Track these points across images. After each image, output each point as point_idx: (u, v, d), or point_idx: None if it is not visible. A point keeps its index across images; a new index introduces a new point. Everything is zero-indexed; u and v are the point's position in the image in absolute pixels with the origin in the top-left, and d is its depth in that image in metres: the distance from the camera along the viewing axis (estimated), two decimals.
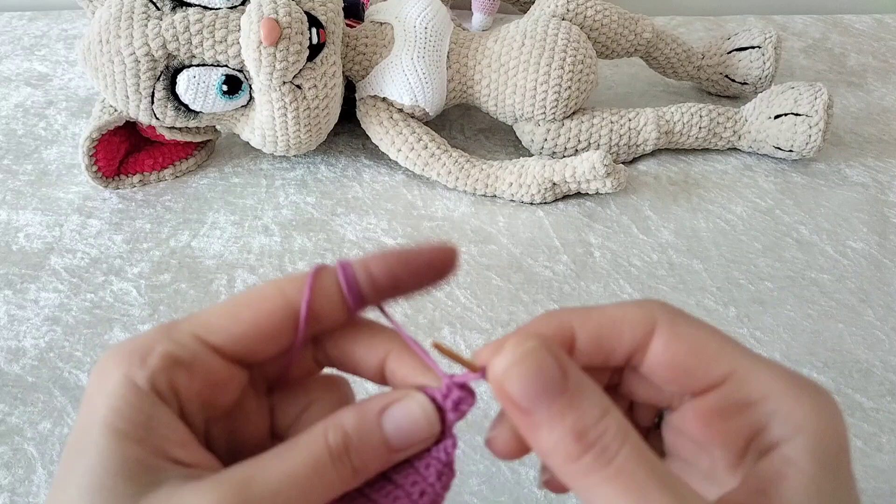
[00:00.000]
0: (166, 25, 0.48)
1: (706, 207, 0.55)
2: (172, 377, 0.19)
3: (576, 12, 0.58)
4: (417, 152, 0.55)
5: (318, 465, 0.19)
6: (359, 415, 0.20)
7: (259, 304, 0.20)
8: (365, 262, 0.21)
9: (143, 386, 0.19)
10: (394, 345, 0.22)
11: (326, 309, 0.20)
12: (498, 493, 0.36)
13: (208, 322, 0.20)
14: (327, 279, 0.20)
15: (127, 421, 0.18)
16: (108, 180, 0.55)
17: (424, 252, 0.21)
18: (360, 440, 0.19)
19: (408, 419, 0.20)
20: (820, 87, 0.56)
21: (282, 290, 0.20)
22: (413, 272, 0.21)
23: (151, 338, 0.20)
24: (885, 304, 0.47)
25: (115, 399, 0.18)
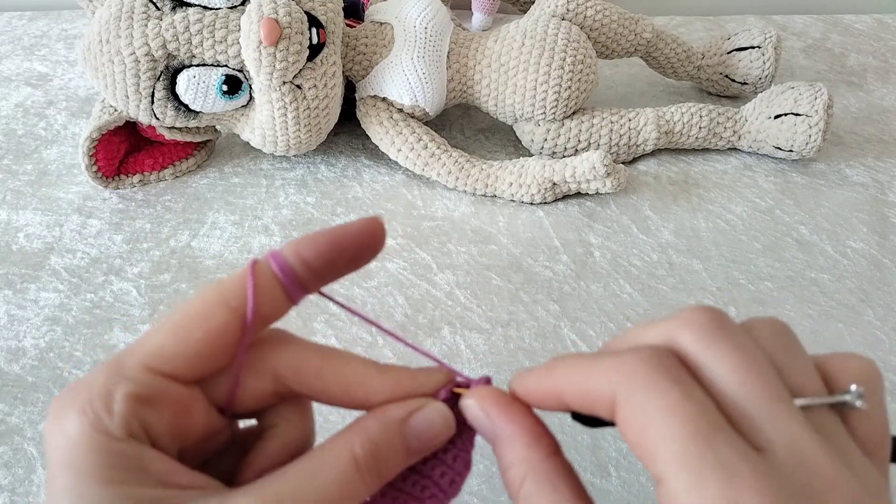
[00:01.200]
0: (166, 25, 0.48)
1: (706, 207, 0.55)
2: (142, 417, 0.19)
3: (576, 12, 0.58)
4: (417, 152, 0.55)
5: (347, 479, 0.19)
6: (384, 424, 0.20)
7: (206, 323, 0.20)
8: (296, 250, 0.20)
9: (119, 434, 0.18)
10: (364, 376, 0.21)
11: (269, 306, 0.20)
12: (498, 493, 0.36)
13: (157, 351, 0.19)
14: (265, 276, 0.20)
15: (121, 470, 0.18)
16: (108, 180, 0.55)
17: (352, 229, 0.21)
18: (385, 449, 0.20)
19: (429, 427, 0.21)
20: (820, 87, 0.56)
21: (225, 302, 0.20)
22: (345, 251, 0.21)
23: (106, 380, 0.19)
24: (885, 304, 0.47)
25: (99, 453, 0.18)
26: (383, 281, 0.48)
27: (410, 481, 0.21)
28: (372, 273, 0.49)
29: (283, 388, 0.21)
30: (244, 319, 0.20)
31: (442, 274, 0.48)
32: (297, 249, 0.20)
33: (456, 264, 0.49)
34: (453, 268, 0.49)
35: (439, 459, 0.21)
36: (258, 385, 0.21)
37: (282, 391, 0.21)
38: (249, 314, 0.20)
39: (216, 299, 0.20)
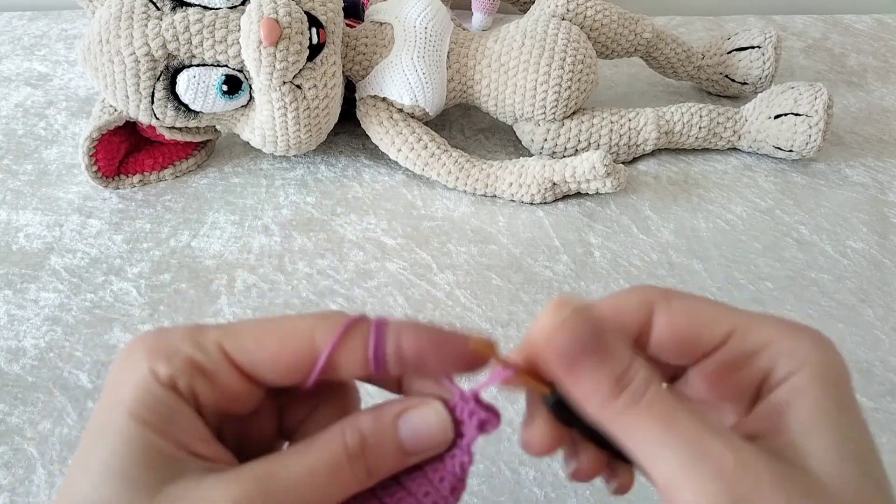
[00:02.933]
0: (166, 25, 0.48)
1: (706, 207, 0.55)
2: (192, 382, 0.20)
3: (576, 12, 0.58)
4: (417, 152, 0.55)
5: (335, 464, 0.19)
6: (376, 418, 0.20)
7: (287, 340, 0.20)
8: (399, 331, 0.20)
9: (168, 382, 0.19)
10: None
11: (347, 365, 0.20)
12: (498, 493, 0.36)
13: (237, 338, 0.20)
14: (357, 338, 0.20)
15: (151, 411, 0.19)
16: (108, 180, 0.55)
17: (462, 343, 0.20)
18: (375, 442, 0.20)
19: (424, 425, 0.20)
20: (820, 87, 0.56)
21: (311, 333, 0.20)
22: (443, 359, 0.20)
23: (179, 337, 0.20)
24: (885, 304, 0.47)
25: (140, 390, 0.19)
26: (383, 281, 0.48)
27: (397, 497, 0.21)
28: (372, 273, 0.49)
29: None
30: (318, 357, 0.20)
31: (442, 274, 0.48)
32: (400, 332, 0.20)
33: (456, 264, 0.49)
34: (453, 268, 0.49)
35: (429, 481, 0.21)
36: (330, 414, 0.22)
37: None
38: (321, 361, 0.20)
39: (308, 327, 0.20)
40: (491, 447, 0.38)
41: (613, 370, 0.19)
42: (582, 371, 0.19)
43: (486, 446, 0.38)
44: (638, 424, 0.19)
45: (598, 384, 0.19)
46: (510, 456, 0.37)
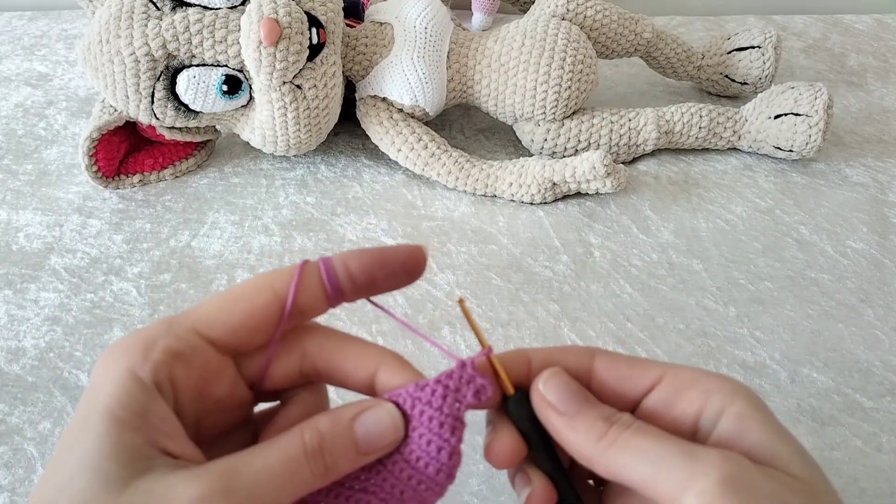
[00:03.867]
0: (166, 25, 0.48)
1: (706, 207, 0.55)
2: (172, 370, 0.21)
3: (576, 12, 0.58)
4: (417, 152, 0.55)
5: (293, 462, 0.20)
6: (333, 419, 0.22)
7: (251, 299, 0.22)
8: (345, 262, 0.23)
9: (145, 378, 0.20)
10: (384, 359, 0.23)
11: (310, 303, 0.23)
12: (498, 493, 0.36)
13: (206, 316, 0.22)
14: (311, 276, 0.22)
15: (125, 409, 0.19)
16: (108, 180, 0.55)
17: (398, 253, 0.23)
18: (332, 442, 0.21)
19: (377, 425, 0.22)
20: (820, 87, 0.56)
21: (272, 286, 0.22)
22: (387, 272, 0.23)
23: (155, 331, 0.21)
24: (885, 304, 0.47)
25: (117, 388, 0.20)
26: None
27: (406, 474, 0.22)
28: None
29: (309, 367, 0.24)
30: (284, 304, 0.22)
31: (442, 274, 0.48)
32: (345, 260, 0.23)
33: (456, 264, 0.49)
34: (453, 268, 0.49)
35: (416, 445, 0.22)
36: (287, 361, 0.23)
37: (307, 371, 0.24)
38: (290, 299, 0.22)
39: (264, 283, 0.22)
40: None
41: (603, 411, 0.23)
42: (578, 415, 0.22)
43: None
44: (628, 450, 0.21)
45: (592, 422, 0.22)
46: None
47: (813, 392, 0.41)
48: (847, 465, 0.37)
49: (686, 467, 0.20)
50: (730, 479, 0.19)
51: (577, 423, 0.22)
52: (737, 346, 0.44)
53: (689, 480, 0.20)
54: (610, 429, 0.22)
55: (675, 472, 0.20)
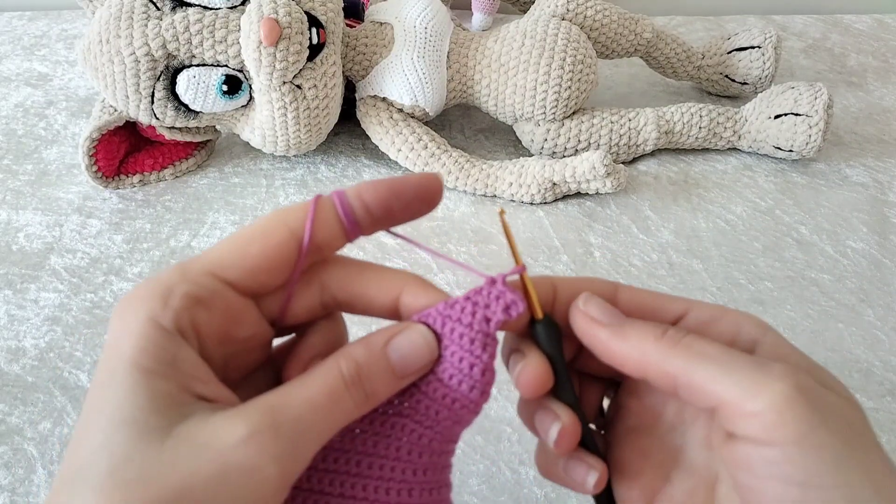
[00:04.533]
0: (166, 25, 0.48)
1: (706, 207, 0.55)
2: (194, 316, 0.20)
3: (576, 12, 0.58)
4: (417, 152, 0.55)
5: (335, 393, 0.20)
6: (367, 346, 0.21)
7: (266, 238, 0.21)
8: (359, 194, 0.22)
9: (168, 326, 0.19)
10: (406, 282, 0.23)
11: (326, 238, 0.22)
12: (498, 493, 0.36)
13: (220, 259, 0.21)
14: (326, 210, 0.22)
15: (153, 359, 0.19)
16: (108, 180, 0.55)
17: (412, 182, 0.22)
18: (369, 369, 0.21)
19: (411, 348, 0.22)
20: (820, 87, 0.56)
21: (286, 223, 0.21)
22: (403, 201, 0.22)
23: (169, 279, 0.20)
24: (885, 304, 0.47)
25: (140, 339, 0.19)
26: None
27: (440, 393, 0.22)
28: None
29: (329, 298, 0.23)
30: (300, 242, 0.21)
31: (442, 274, 0.48)
32: (360, 192, 0.22)
33: None
34: (453, 268, 0.49)
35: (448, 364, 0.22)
36: (307, 295, 0.23)
37: (327, 302, 0.23)
38: (306, 236, 0.21)
39: (278, 220, 0.22)
40: (491, 447, 0.38)
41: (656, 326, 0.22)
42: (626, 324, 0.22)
43: (486, 446, 0.38)
44: (699, 349, 0.21)
45: (644, 326, 0.22)
46: (510, 456, 0.37)
47: None
48: None
49: (755, 374, 0.20)
50: (799, 388, 0.19)
51: (626, 330, 0.22)
52: None
53: (758, 387, 0.19)
54: (666, 332, 0.22)
55: (744, 378, 0.20)
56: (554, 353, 0.23)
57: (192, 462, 0.17)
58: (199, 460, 0.18)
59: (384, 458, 0.22)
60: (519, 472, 0.37)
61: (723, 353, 0.21)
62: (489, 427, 0.39)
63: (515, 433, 0.39)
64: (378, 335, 0.22)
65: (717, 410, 0.21)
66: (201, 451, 0.18)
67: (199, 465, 0.17)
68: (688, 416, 0.24)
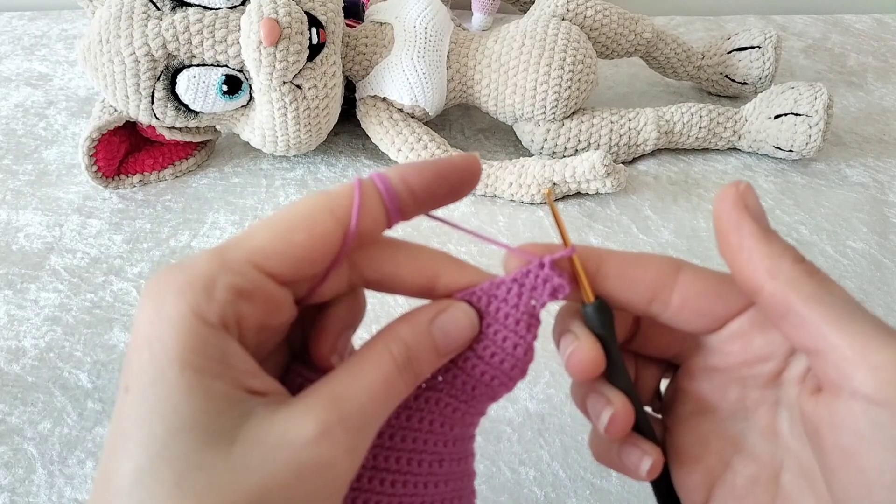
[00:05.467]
0: (166, 25, 0.48)
1: (706, 207, 0.55)
2: (238, 309, 0.19)
3: (576, 12, 0.58)
4: (417, 152, 0.55)
5: (389, 378, 0.20)
6: (413, 326, 0.21)
7: (311, 228, 0.20)
8: (403, 177, 0.21)
9: (214, 321, 0.18)
10: (441, 262, 0.22)
11: (370, 225, 0.21)
12: (498, 493, 0.36)
13: (262, 248, 0.20)
14: (371, 197, 0.21)
15: (204, 357, 0.18)
16: (108, 180, 0.55)
17: (456, 164, 0.22)
18: (416, 349, 0.21)
19: (455, 325, 0.21)
20: (820, 87, 0.56)
21: (331, 211, 0.20)
22: (448, 184, 0.21)
23: (210, 268, 0.19)
24: (886, 304, 0.47)
25: (188, 336, 0.18)
26: None
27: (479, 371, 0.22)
28: None
29: (357, 277, 0.22)
30: (345, 230, 0.20)
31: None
32: (403, 175, 0.21)
33: None
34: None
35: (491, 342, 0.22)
36: (336, 275, 0.22)
37: (355, 281, 0.22)
38: (353, 223, 0.20)
39: (322, 208, 0.20)
40: (491, 447, 0.38)
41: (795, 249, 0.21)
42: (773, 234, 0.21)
43: (486, 446, 0.38)
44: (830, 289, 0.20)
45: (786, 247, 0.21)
46: (510, 456, 0.37)
47: None
48: None
49: (879, 330, 0.19)
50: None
51: (772, 238, 0.21)
52: None
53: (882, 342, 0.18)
54: (805, 259, 0.20)
55: (867, 330, 0.19)
56: (607, 336, 0.23)
57: (266, 466, 0.17)
58: (274, 463, 0.17)
59: (417, 430, 0.22)
60: (519, 472, 0.37)
61: (849, 303, 0.20)
62: (489, 427, 0.39)
63: (515, 433, 0.39)
64: (422, 313, 0.21)
65: (823, 356, 0.19)
66: (275, 453, 0.17)
67: (274, 468, 0.17)
68: (750, 402, 0.23)
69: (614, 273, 0.22)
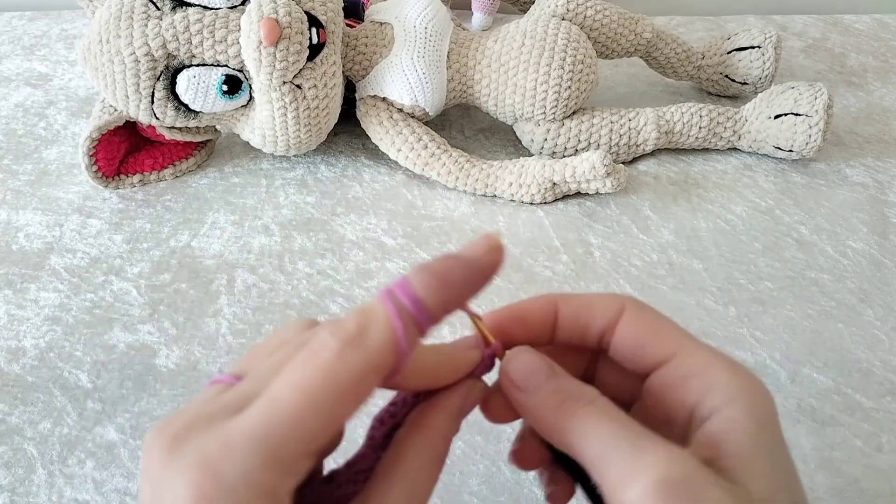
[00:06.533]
0: (166, 25, 0.48)
1: (706, 207, 0.55)
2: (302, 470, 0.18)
3: (576, 12, 0.58)
4: (417, 152, 0.55)
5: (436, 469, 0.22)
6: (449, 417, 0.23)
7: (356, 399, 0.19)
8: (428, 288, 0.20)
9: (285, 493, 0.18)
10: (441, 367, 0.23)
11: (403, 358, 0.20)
12: (498, 493, 0.36)
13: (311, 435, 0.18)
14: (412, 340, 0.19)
15: None
16: (108, 180, 0.55)
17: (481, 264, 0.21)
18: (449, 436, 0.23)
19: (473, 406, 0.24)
20: (820, 87, 0.56)
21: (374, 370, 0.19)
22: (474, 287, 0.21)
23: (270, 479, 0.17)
24: (885, 304, 0.47)
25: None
26: (383, 281, 0.48)
27: None
28: (372, 273, 0.49)
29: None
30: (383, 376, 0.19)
31: None
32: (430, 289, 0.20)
33: None
34: None
35: None
36: None
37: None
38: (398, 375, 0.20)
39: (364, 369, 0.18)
40: (491, 447, 0.38)
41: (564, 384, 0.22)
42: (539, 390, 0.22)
43: (486, 446, 0.38)
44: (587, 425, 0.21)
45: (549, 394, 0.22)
46: None
47: (813, 392, 0.41)
48: (847, 465, 0.37)
49: (630, 461, 0.19)
50: (669, 481, 0.19)
51: (532, 398, 0.22)
52: (737, 346, 0.44)
53: (631, 476, 0.19)
54: (564, 402, 0.21)
55: (620, 464, 0.19)
56: None
57: None
58: None
59: None
60: (519, 472, 0.37)
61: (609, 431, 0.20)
62: (489, 427, 0.39)
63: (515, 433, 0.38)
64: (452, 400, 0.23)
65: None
66: None
67: None
68: None
69: (569, 319, 0.25)
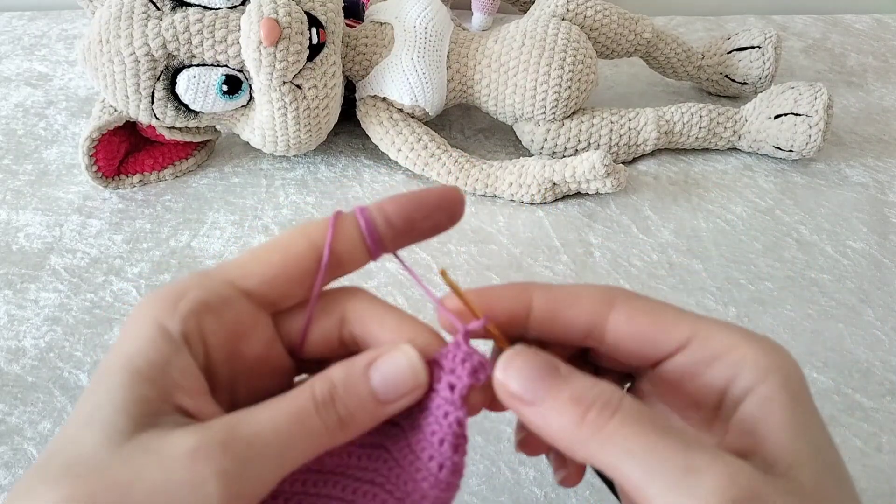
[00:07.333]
0: (166, 25, 0.48)
1: (706, 207, 0.55)
2: (201, 322, 0.20)
3: (576, 12, 0.58)
4: (417, 152, 0.55)
5: (301, 414, 0.19)
6: (347, 367, 0.20)
7: (286, 248, 0.21)
8: (381, 207, 0.21)
9: (172, 330, 0.19)
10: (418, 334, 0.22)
11: (349, 253, 0.21)
12: (498, 493, 0.36)
13: (241, 267, 0.21)
14: (348, 224, 0.21)
15: (145, 361, 0.19)
16: (108, 180, 0.55)
17: (434, 193, 0.22)
18: (346, 390, 0.20)
19: (394, 370, 0.20)
20: (820, 87, 0.56)
21: (307, 235, 0.21)
22: (425, 212, 0.22)
23: (185, 284, 0.20)
24: (885, 304, 0.47)
25: (141, 340, 0.19)
26: (383, 281, 0.48)
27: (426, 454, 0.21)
28: (372, 273, 0.49)
29: (347, 333, 0.22)
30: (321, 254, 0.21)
31: None
32: (383, 206, 0.21)
33: (456, 264, 0.49)
34: (453, 268, 0.49)
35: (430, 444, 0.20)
36: (327, 325, 0.22)
37: (345, 338, 0.22)
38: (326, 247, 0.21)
39: (299, 232, 0.21)
40: (491, 447, 0.38)
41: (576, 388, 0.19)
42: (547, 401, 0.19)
43: (486, 446, 0.38)
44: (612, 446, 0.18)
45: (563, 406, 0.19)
46: (510, 456, 0.37)
47: (813, 392, 0.41)
48: (847, 464, 0.37)
49: (685, 487, 0.17)
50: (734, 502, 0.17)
51: (547, 411, 0.19)
52: None
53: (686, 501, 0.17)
54: (588, 413, 0.18)
55: (673, 490, 0.17)
56: None
57: (138, 469, 0.17)
58: (144, 468, 0.17)
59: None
60: (519, 472, 0.37)
61: (650, 449, 0.18)
62: (489, 427, 0.39)
63: None
64: (361, 356, 0.21)
65: None
66: (149, 459, 0.17)
67: (143, 473, 0.17)
68: None
69: (545, 316, 0.22)
